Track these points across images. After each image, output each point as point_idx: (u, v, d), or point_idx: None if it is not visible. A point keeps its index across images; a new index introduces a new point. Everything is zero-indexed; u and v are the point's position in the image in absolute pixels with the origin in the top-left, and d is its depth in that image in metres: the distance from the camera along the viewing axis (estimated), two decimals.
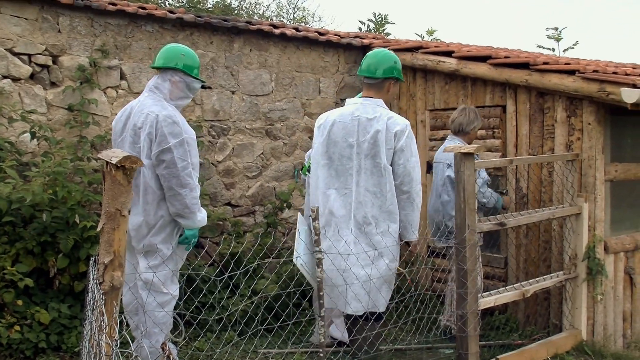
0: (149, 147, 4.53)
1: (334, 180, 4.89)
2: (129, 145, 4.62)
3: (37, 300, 5.59)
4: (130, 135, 4.62)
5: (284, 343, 5.59)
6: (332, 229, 4.86)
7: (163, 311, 4.57)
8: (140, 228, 4.61)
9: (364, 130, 4.81)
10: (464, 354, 4.89)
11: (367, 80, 4.98)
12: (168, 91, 4.72)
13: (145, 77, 6.57)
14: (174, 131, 4.51)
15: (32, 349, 5.39)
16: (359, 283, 4.71)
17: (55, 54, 6.14)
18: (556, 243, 6.02)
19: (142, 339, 4.54)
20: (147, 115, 4.55)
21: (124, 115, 4.76)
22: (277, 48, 7.41)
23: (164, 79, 4.73)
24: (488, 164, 5.36)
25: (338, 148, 4.87)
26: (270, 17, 18.21)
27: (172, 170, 4.49)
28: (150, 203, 4.58)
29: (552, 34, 13.70)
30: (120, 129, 4.73)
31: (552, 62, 6.26)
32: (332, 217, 4.87)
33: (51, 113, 6.14)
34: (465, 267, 4.81)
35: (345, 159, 4.85)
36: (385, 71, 4.96)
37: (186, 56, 4.76)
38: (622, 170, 6.08)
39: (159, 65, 4.72)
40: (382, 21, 13.02)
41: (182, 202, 4.53)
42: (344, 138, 4.86)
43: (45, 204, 5.55)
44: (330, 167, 4.90)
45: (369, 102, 4.92)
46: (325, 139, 4.93)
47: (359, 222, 4.81)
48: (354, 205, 4.82)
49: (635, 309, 6.30)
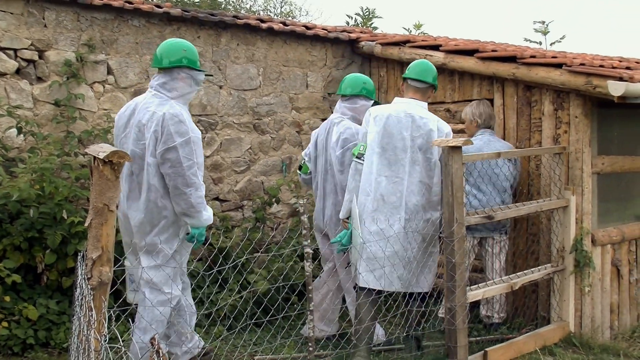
0: (154, 145, 4.53)
1: (386, 168, 5.22)
2: (132, 141, 4.61)
3: (25, 296, 5.57)
4: (135, 132, 4.61)
5: (273, 337, 5.59)
6: (382, 213, 5.18)
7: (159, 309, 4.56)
8: (143, 225, 4.62)
9: (417, 127, 5.19)
10: (452, 346, 4.91)
11: (416, 83, 5.39)
12: (175, 90, 4.71)
13: (132, 71, 6.54)
14: (180, 130, 4.50)
15: (20, 345, 5.38)
16: (402, 264, 5.14)
17: (41, 49, 6.10)
18: (544, 236, 6.05)
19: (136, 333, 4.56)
20: (153, 113, 4.55)
21: (128, 110, 4.75)
22: (264, 42, 7.40)
23: (171, 77, 4.71)
24: (476, 158, 5.37)
25: (392, 140, 5.22)
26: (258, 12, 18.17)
27: (178, 169, 4.49)
28: (153, 201, 4.58)
29: (539, 27, 13.74)
30: (124, 125, 4.72)
31: (539, 55, 6.28)
32: (383, 202, 5.20)
33: (37, 108, 6.10)
34: (454, 260, 4.83)
35: (398, 150, 5.20)
36: (434, 79, 5.45)
37: (188, 51, 4.77)
38: (609, 163, 6.11)
39: (164, 66, 4.70)
40: (369, 15, 13.02)
41: (187, 202, 4.54)
42: (399, 131, 5.21)
43: (32, 200, 5.53)
44: (382, 156, 5.23)
45: (418, 103, 5.35)
46: (381, 130, 5.24)
47: (410, 209, 5.18)
48: (406, 193, 5.18)
49: (622, 300, 6.34)
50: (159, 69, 4.75)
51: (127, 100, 6.50)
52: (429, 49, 7.07)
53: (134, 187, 4.66)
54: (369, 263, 5.17)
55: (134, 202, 4.65)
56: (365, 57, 8.04)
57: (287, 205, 7.57)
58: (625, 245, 6.35)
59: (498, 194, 5.85)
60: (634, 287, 6.47)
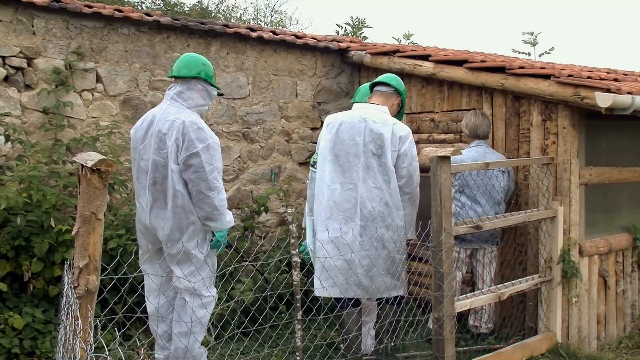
0: (176, 153, 4.65)
1: (339, 175, 5.22)
2: (153, 151, 4.71)
3: (11, 305, 5.54)
4: (155, 141, 4.71)
5: (260, 346, 5.57)
6: (336, 221, 5.17)
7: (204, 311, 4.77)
8: (172, 233, 4.70)
9: (370, 131, 5.17)
10: (440, 356, 4.91)
11: (380, 87, 5.47)
12: (191, 99, 4.86)
13: (122, 79, 6.53)
14: (200, 136, 4.65)
15: (6, 355, 5.34)
16: (362, 271, 5.11)
17: (30, 56, 6.09)
18: (532, 246, 6.06)
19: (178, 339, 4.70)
20: (172, 122, 4.68)
21: (145, 123, 4.85)
22: (254, 51, 7.40)
23: (188, 87, 4.86)
24: (465, 168, 5.38)
25: (345, 146, 5.22)
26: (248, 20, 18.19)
27: (201, 174, 4.62)
28: (180, 207, 4.69)
29: (528, 38, 13.85)
30: (142, 137, 4.82)
31: (527, 66, 6.31)
32: (337, 209, 5.18)
33: (26, 116, 6.08)
34: (442, 270, 4.84)
35: (351, 156, 5.20)
36: (398, 86, 5.48)
37: (206, 66, 4.94)
38: (597, 174, 6.14)
39: (183, 75, 4.84)
40: (359, 25, 13.07)
41: (211, 205, 4.67)
42: (351, 137, 5.21)
43: (19, 208, 5.50)
44: (336, 163, 5.23)
45: (376, 107, 5.34)
46: (333, 137, 5.27)
47: (365, 216, 5.14)
48: (360, 200, 5.15)
49: (609, 311, 6.36)
50: (176, 78, 4.89)
51: (116, 108, 6.50)
52: (419, 58, 7.09)
53: (158, 196, 4.76)
54: (323, 272, 5.14)
55: (160, 210, 4.75)
56: (355, 66, 8.06)
57: (276, 214, 7.57)
58: (612, 256, 6.38)
59: (494, 206, 5.86)
60: (620, 298, 6.49)
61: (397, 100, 5.51)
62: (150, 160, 4.72)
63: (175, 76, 4.91)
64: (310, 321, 5.80)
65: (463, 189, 5.90)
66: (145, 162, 4.77)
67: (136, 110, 6.63)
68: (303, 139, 7.82)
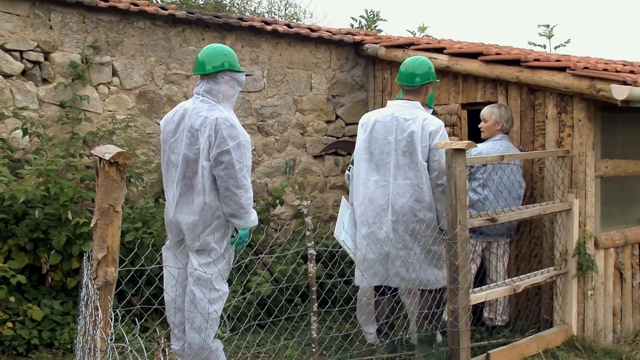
0: (208, 149, 4.64)
1: (374, 172, 5.37)
2: (185, 146, 4.71)
3: (30, 296, 5.60)
4: (187, 136, 4.71)
5: (276, 338, 5.60)
6: (371, 217, 5.32)
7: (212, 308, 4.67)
8: (196, 227, 4.70)
9: (401, 130, 5.27)
10: (455, 349, 4.93)
11: (406, 86, 5.45)
12: (220, 93, 4.82)
13: (137, 73, 6.57)
14: (232, 134, 4.63)
15: (25, 346, 5.40)
16: (399, 263, 5.26)
17: (47, 51, 6.13)
18: (547, 239, 6.06)
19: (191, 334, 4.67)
20: (205, 118, 4.66)
21: (176, 116, 4.83)
22: (269, 44, 7.42)
23: (215, 82, 4.80)
24: (479, 160, 5.39)
25: (378, 144, 5.35)
26: (262, 14, 18.20)
27: (230, 172, 4.61)
28: (208, 203, 4.67)
29: (544, 31, 13.77)
30: (173, 130, 4.80)
31: (543, 58, 6.29)
32: (371, 205, 5.34)
33: (43, 109, 6.13)
34: (457, 263, 4.85)
35: (384, 154, 5.33)
36: (422, 78, 5.41)
37: (228, 55, 4.87)
38: (612, 166, 6.12)
39: (208, 72, 4.78)
40: (374, 18, 13.05)
41: (237, 203, 4.65)
42: (383, 136, 5.33)
43: (37, 201, 5.55)
44: (371, 161, 5.39)
45: (407, 104, 5.40)
46: (368, 136, 5.41)
47: (396, 211, 5.27)
48: (392, 196, 5.29)
49: (625, 304, 6.35)
50: (202, 75, 4.83)
51: (132, 101, 6.53)
52: (433, 51, 7.08)
53: (186, 190, 4.75)
54: (361, 264, 5.33)
55: (186, 205, 4.73)
56: (369, 59, 8.06)
57: (291, 207, 7.59)
58: (628, 249, 6.36)
59: (514, 201, 5.85)
60: (636, 291, 6.47)
61: (427, 86, 5.50)
62: (181, 155, 4.72)
63: (200, 73, 4.85)
64: (325, 313, 5.83)
65: (487, 183, 5.89)
66: (176, 156, 4.77)
67: (152, 104, 6.67)
68: (318, 131, 7.84)
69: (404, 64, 5.51)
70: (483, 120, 6.08)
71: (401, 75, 5.48)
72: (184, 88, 6.87)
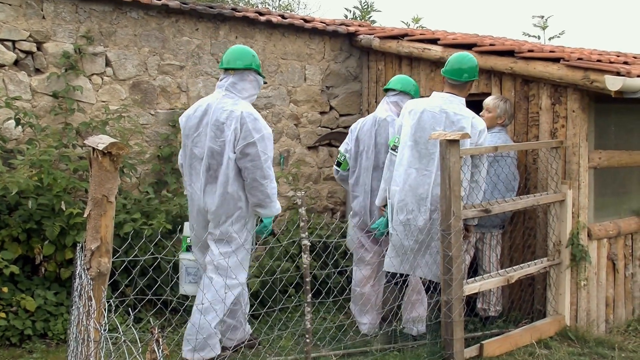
0: (233, 142, 4.92)
1: (416, 161, 5.38)
2: (210, 139, 4.98)
3: (23, 287, 5.59)
4: (212, 130, 4.97)
5: (270, 329, 5.61)
6: (411, 203, 5.34)
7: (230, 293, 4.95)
8: (218, 216, 5.00)
9: (450, 123, 5.32)
10: (449, 339, 4.94)
11: (451, 81, 5.51)
12: (245, 90, 5.12)
13: (131, 63, 6.55)
14: (256, 127, 4.93)
15: (18, 336, 5.40)
16: (430, 253, 5.31)
17: (39, 41, 6.10)
18: (540, 230, 6.07)
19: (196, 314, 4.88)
20: (230, 112, 4.94)
21: (199, 111, 5.10)
22: (262, 35, 7.40)
23: (242, 78, 5.11)
24: (473, 151, 5.39)
25: (425, 134, 5.34)
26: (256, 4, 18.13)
27: (256, 163, 4.90)
28: (230, 193, 4.96)
29: (538, 22, 13.76)
30: (196, 125, 5.07)
31: (537, 49, 6.29)
32: (412, 193, 5.35)
33: (36, 100, 6.11)
34: (451, 254, 4.85)
35: (430, 144, 5.33)
36: (469, 75, 5.50)
37: (255, 57, 5.22)
38: (606, 157, 6.13)
39: (237, 67, 5.08)
40: (367, 9, 13.03)
41: (264, 192, 4.95)
42: (432, 126, 5.34)
43: (30, 191, 5.54)
44: (414, 149, 5.39)
45: (454, 99, 5.46)
46: (415, 124, 5.41)
47: (435, 200, 5.28)
48: (433, 186, 5.30)
49: (617, 294, 6.37)
50: (227, 70, 5.12)
51: (125, 92, 6.51)
52: (427, 42, 7.08)
53: (211, 180, 5.03)
54: (394, 249, 5.38)
55: (211, 195, 5.01)
56: (363, 50, 8.04)
57: (285, 198, 7.58)
58: (622, 240, 6.38)
59: (508, 193, 5.85)
60: (629, 281, 6.50)
61: (471, 83, 5.60)
62: (205, 148, 4.98)
63: (228, 68, 5.10)
64: (319, 304, 5.83)
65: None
66: (199, 149, 5.04)
67: (145, 95, 6.64)
68: (312, 123, 7.83)
69: (453, 59, 5.57)
70: (486, 110, 6.06)
71: (450, 70, 5.52)
72: (178, 79, 6.85)
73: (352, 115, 8.06)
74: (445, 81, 5.59)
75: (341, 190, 7.92)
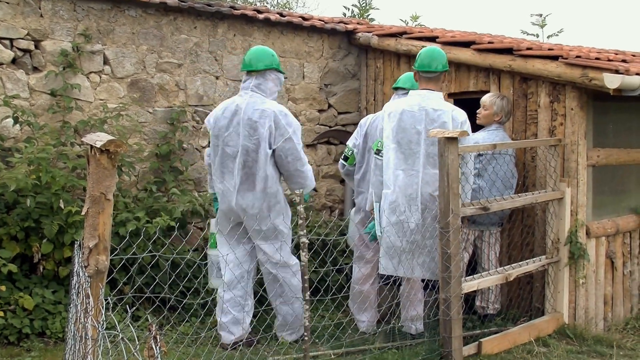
0: (268, 139, 5.26)
1: (402, 162, 5.39)
2: (243, 137, 5.28)
3: (21, 285, 5.58)
4: (245, 128, 5.28)
5: (268, 327, 5.61)
6: (402, 205, 5.35)
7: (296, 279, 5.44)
8: (262, 211, 5.33)
9: (431, 120, 5.33)
10: (447, 337, 4.94)
11: (426, 74, 5.50)
12: (268, 89, 5.42)
13: (129, 62, 6.54)
14: (288, 122, 5.33)
15: (16, 335, 5.39)
16: (426, 252, 5.33)
17: (37, 39, 6.09)
18: (539, 227, 6.07)
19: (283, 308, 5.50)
20: (263, 111, 5.28)
21: (227, 112, 5.38)
22: (261, 33, 7.39)
23: (264, 78, 5.42)
24: (472, 149, 5.38)
25: (406, 134, 5.38)
26: (255, 2, 18.12)
27: (295, 155, 5.35)
28: (269, 187, 5.34)
29: (537, 20, 13.74)
30: (226, 125, 5.35)
31: (535, 47, 6.29)
32: (402, 194, 5.36)
33: (34, 98, 6.10)
34: (449, 251, 4.85)
35: (413, 144, 5.36)
36: (442, 65, 5.51)
37: (274, 56, 5.51)
38: (605, 155, 6.13)
39: (259, 68, 5.38)
40: (366, 6, 13.00)
41: (305, 177, 5.46)
42: (412, 125, 5.36)
43: (28, 190, 5.53)
44: (399, 151, 5.41)
45: (432, 94, 5.46)
46: (395, 126, 5.41)
47: (425, 199, 5.32)
48: (421, 185, 5.34)
49: (616, 292, 6.37)
50: (249, 72, 5.41)
51: (123, 90, 6.51)
52: (426, 40, 7.07)
53: (247, 178, 5.33)
54: (388, 252, 5.37)
55: (249, 192, 5.31)
56: (361, 48, 8.03)
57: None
58: (620, 238, 6.38)
59: (507, 191, 5.85)
60: (627, 279, 6.50)
61: (444, 74, 5.59)
62: (239, 146, 5.28)
63: (251, 70, 5.38)
64: (318, 302, 5.82)
65: (481, 173, 5.88)
66: (231, 148, 5.32)
67: (143, 93, 6.64)
68: (310, 120, 7.82)
69: (422, 54, 5.56)
70: (483, 108, 6.05)
71: (421, 63, 5.51)
72: (176, 77, 6.84)
73: (351, 113, 8.05)
74: (420, 77, 5.54)
75: (339, 188, 7.92)
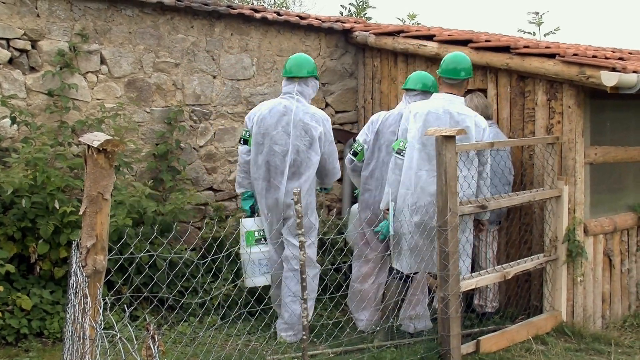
0: (318, 141, 5.64)
1: (425, 163, 5.42)
2: (295, 138, 5.61)
3: (19, 286, 5.57)
4: (297, 129, 5.61)
5: (266, 326, 5.60)
6: (424, 205, 5.38)
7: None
8: (304, 208, 5.36)
9: (455, 123, 5.40)
10: (445, 335, 4.94)
11: (449, 80, 5.58)
12: (309, 95, 5.80)
13: (126, 61, 6.53)
14: (329, 126, 5.77)
15: (14, 335, 5.39)
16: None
17: (34, 39, 6.08)
18: (537, 225, 6.07)
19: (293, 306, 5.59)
20: (313, 115, 5.68)
21: (275, 112, 5.68)
22: (258, 32, 7.38)
23: (306, 84, 5.78)
24: (469, 147, 5.38)
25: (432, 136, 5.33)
26: (251, 2, 18.11)
27: (334, 155, 5.85)
28: (310, 186, 5.71)
29: (533, 18, 13.72)
30: (274, 124, 5.64)
31: (532, 45, 6.29)
32: (423, 195, 5.40)
33: (31, 98, 6.09)
34: (447, 250, 4.85)
35: None
36: (466, 72, 5.60)
37: (313, 64, 5.85)
38: (602, 153, 6.13)
39: (303, 75, 5.72)
40: (363, 5, 12.99)
41: (336, 175, 5.96)
42: (437, 127, 5.30)
43: (25, 190, 5.52)
44: (423, 151, 5.43)
45: (455, 99, 5.55)
46: (421, 127, 5.44)
47: None
48: None
49: (614, 290, 6.38)
50: (290, 78, 5.73)
51: (120, 90, 6.50)
52: (423, 39, 7.07)
53: (292, 176, 5.64)
54: (413, 251, 5.43)
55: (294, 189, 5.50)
56: (359, 47, 8.03)
57: None
58: (617, 235, 6.38)
59: (504, 187, 5.86)
60: (625, 277, 6.50)
61: (467, 81, 5.73)
62: (290, 145, 5.59)
63: (293, 76, 5.70)
64: (316, 300, 5.83)
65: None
66: (280, 146, 5.61)
67: (141, 92, 6.63)
68: None
69: (448, 59, 5.63)
70: None
71: (446, 69, 5.58)
72: (173, 76, 6.83)
73: (348, 112, 8.05)
74: (443, 82, 5.61)
75: (337, 187, 7.91)
